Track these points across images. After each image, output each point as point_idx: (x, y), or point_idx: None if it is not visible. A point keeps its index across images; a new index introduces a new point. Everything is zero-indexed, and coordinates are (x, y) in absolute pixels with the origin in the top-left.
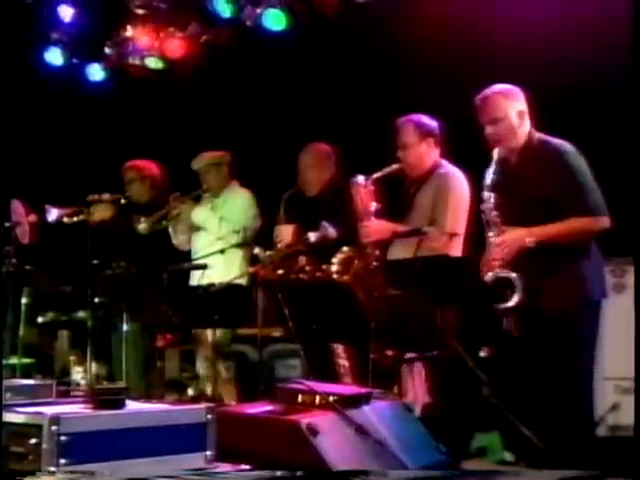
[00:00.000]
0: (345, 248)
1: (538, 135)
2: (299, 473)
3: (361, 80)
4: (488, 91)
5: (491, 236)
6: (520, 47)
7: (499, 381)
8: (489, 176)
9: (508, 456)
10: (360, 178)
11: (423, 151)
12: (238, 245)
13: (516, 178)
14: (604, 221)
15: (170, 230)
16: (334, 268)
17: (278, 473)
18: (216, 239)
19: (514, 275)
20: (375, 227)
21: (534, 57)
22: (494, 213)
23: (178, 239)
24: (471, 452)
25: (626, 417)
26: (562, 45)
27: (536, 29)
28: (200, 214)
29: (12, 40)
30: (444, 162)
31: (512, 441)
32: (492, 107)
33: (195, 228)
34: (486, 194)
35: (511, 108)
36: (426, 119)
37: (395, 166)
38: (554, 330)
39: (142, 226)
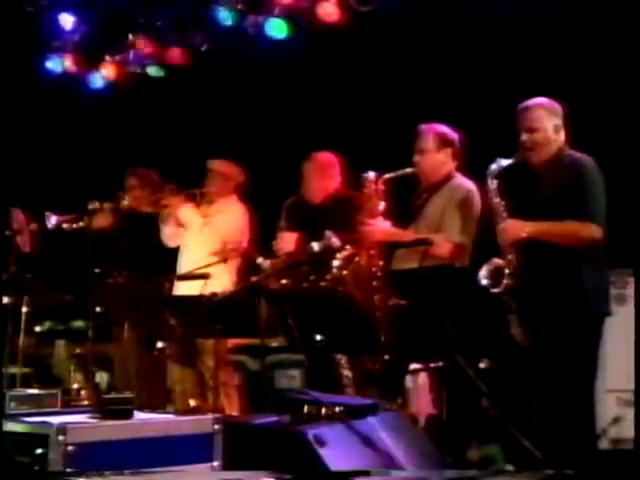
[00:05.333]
0: (348, 246)
1: (568, 150)
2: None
3: (367, 88)
4: (531, 101)
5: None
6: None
7: (500, 392)
8: (498, 166)
9: (509, 468)
10: (371, 174)
11: (439, 159)
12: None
13: (536, 185)
14: (594, 229)
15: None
16: (336, 263)
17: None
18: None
19: (502, 262)
20: (379, 228)
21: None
22: (497, 200)
23: (165, 233)
24: (472, 463)
25: (628, 430)
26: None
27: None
28: (187, 212)
29: (12, 48)
30: (459, 175)
31: (512, 453)
32: (531, 117)
33: (181, 225)
34: (491, 181)
35: (549, 121)
36: (448, 130)
37: (409, 169)
38: (554, 340)
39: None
